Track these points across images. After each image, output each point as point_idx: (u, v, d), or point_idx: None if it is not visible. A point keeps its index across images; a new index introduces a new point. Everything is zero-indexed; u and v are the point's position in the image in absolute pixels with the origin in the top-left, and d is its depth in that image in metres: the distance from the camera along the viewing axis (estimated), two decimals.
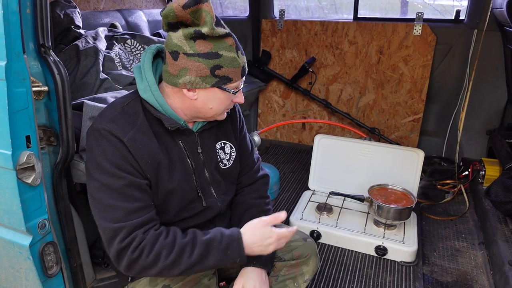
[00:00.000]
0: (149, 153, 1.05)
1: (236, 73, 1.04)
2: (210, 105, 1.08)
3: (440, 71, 2.89)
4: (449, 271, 1.85)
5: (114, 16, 2.64)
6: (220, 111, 1.11)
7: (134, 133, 1.03)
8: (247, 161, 1.34)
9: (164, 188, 1.09)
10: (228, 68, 1.02)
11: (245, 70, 1.07)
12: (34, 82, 1.14)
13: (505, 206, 1.93)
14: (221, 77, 1.03)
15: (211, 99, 1.06)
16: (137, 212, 1.02)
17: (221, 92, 1.06)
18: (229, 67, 1.02)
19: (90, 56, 1.87)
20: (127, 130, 1.03)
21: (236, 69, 1.04)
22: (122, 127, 1.02)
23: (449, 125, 2.92)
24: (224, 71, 1.02)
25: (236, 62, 1.03)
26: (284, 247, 1.27)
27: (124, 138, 1.01)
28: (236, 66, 1.03)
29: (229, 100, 1.09)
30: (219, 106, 1.09)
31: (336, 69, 3.12)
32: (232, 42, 1.03)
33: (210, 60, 1.00)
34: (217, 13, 3.93)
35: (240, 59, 1.04)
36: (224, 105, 1.10)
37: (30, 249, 1.15)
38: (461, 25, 2.78)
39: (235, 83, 1.06)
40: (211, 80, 1.02)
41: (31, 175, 1.12)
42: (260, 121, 3.53)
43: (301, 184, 2.69)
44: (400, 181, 2.15)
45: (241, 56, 1.05)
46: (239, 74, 1.05)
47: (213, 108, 1.09)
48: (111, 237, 1.00)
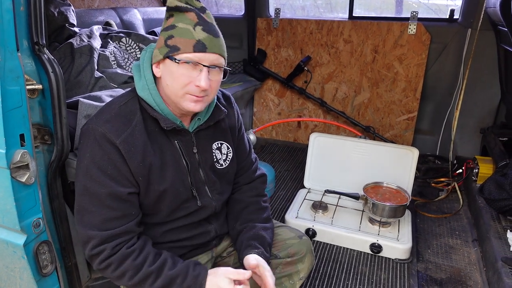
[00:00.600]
0: (141, 155, 1.05)
1: (186, 44, 1.00)
2: (167, 81, 1.05)
3: (435, 70, 2.91)
4: (443, 268, 1.87)
5: (108, 14, 2.63)
6: (177, 90, 1.04)
7: (128, 134, 1.04)
8: (244, 161, 1.34)
9: (154, 190, 1.09)
10: (178, 38, 1.01)
11: (200, 47, 1.01)
12: (28, 80, 1.14)
13: (498, 204, 1.95)
14: (171, 46, 1.02)
15: (167, 73, 1.04)
16: (112, 221, 1.03)
17: (173, 65, 1.02)
18: (180, 37, 1.01)
19: (85, 54, 1.86)
20: (121, 132, 1.03)
21: (187, 40, 1.00)
22: (116, 128, 1.03)
23: (443, 123, 2.94)
24: (174, 40, 1.02)
25: (188, 34, 1.01)
26: (280, 245, 1.28)
27: (117, 141, 1.01)
28: (187, 37, 1.00)
29: (184, 77, 1.02)
30: (173, 83, 1.03)
31: (331, 67, 3.13)
32: (193, 17, 1.02)
33: (167, 31, 1.03)
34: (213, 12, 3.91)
35: (196, 33, 1.01)
36: (179, 82, 1.02)
37: (24, 248, 1.14)
38: (455, 24, 2.80)
39: (184, 54, 1.01)
40: (164, 50, 1.03)
41: (25, 174, 1.11)
42: (256, 120, 3.53)
43: (296, 182, 2.70)
44: (394, 179, 2.16)
45: (199, 32, 1.01)
46: (190, 46, 1.00)
47: (169, 85, 1.04)
48: (85, 241, 1.04)
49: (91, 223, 1.03)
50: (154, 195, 1.10)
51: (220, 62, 1.06)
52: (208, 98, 1.08)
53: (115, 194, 1.03)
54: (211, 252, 1.30)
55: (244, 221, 1.27)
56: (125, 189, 1.04)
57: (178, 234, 1.19)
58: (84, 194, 1.03)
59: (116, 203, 1.03)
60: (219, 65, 1.06)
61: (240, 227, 1.27)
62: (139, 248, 1.06)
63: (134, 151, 1.04)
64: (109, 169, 1.02)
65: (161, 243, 1.18)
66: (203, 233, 1.24)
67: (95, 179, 1.02)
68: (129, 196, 1.05)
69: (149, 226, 1.16)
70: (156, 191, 1.09)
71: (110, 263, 1.03)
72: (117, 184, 1.03)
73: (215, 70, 1.05)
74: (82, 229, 1.04)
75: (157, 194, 1.10)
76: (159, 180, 1.09)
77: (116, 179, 1.03)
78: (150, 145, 1.08)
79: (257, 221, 1.27)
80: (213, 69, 1.04)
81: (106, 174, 1.02)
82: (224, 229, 1.31)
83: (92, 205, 1.03)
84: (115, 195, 1.03)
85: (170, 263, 1.08)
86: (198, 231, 1.23)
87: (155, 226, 1.17)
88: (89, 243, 1.03)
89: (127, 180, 1.05)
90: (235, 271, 1.07)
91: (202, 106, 1.07)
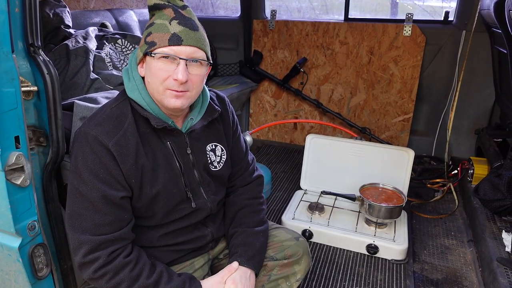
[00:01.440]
0: (133, 157, 1.04)
1: (161, 38, 1.01)
2: (148, 78, 1.06)
3: (430, 72, 2.92)
4: (439, 269, 1.87)
5: (104, 15, 2.62)
6: (157, 86, 1.03)
7: (120, 137, 1.03)
8: (241, 163, 1.34)
9: (147, 192, 1.08)
10: (155, 33, 1.02)
11: (176, 40, 1.00)
12: (23, 82, 1.13)
13: (493, 204, 1.97)
14: (149, 43, 1.03)
15: (147, 70, 1.05)
16: (105, 226, 1.01)
17: (152, 60, 1.02)
18: (156, 32, 1.02)
19: (80, 56, 1.85)
20: (113, 134, 1.02)
21: (162, 34, 1.01)
22: (108, 131, 1.02)
23: (438, 124, 2.96)
24: (151, 36, 1.03)
25: (163, 28, 1.01)
26: (276, 247, 1.28)
27: (110, 143, 1.01)
28: (162, 31, 1.01)
29: (163, 71, 1.01)
30: (153, 79, 1.03)
31: (327, 69, 3.14)
32: (169, 13, 1.03)
33: (147, 29, 1.05)
34: (209, 13, 3.94)
35: (171, 26, 1.01)
36: (157, 77, 1.02)
37: (19, 251, 1.13)
38: (450, 26, 2.82)
39: (160, 48, 1.01)
40: (144, 48, 1.04)
41: (20, 176, 1.10)
42: (252, 121, 3.53)
43: (293, 184, 2.70)
44: (390, 180, 2.17)
45: (175, 25, 1.01)
46: (165, 40, 1.00)
47: (150, 82, 1.05)
48: (76, 247, 1.01)
49: (83, 227, 1.01)
50: (147, 198, 1.09)
51: (199, 55, 1.04)
52: (190, 93, 1.06)
53: (108, 198, 1.01)
54: (207, 255, 1.29)
55: (236, 225, 1.27)
56: (117, 193, 1.03)
57: (174, 238, 1.18)
58: (76, 197, 1.02)
59: (109, 207, 1.02)
60: (198, 58, 1.04)
61: (232, 231, 1.27)
62: (135, 258, 1.05)
63: (126, 154, 1.03)
64: (101, 172, 1.01)
65: (157, 247, 1.17)
66: (200, 237, 1.23)
67: (88, 182, 1.01)
68: (121, 201, 1.04)
69: (145, 229, 1.15)
70: (148, 193, 1.08)
71: (105, 272, 1.00)
72: (110, 188, 1.02)
73: (195, 64, 1.04)
74: (73, 233, 1.01)
75: (150, 196, 1.09)
76: (151, 182, 1.08)
77: (108, 183, 1.02)
78: (142, 146, 1.07)
79: (249, 224, 1.26)
80: (193, 62, 1.03)
81: (98, 178, 1.01)
82: (221, 232, 1.31)
83: (84, 209, 1.01)
84: (107, 199, 1.01)
85: (166, 277, 1.07)
86: (195, 235, 1.22)
87: (150, 229, 1.16)
88: (81, 249, 1.00)
89: (119, 183, 1.03)
90: (226, 270, 1.14)
91: (183, 102, 1.05)
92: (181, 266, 1.22)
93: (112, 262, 1.01)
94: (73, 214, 1.02)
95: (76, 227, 1.01)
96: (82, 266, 1.02)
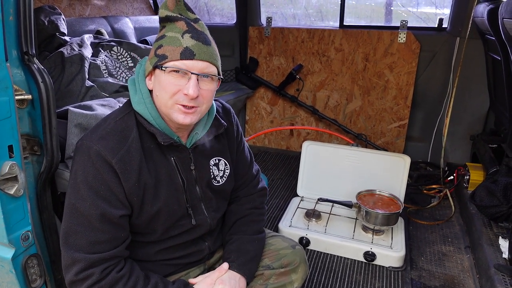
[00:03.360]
0: (136, 175, 1.02)
1: (173, 52, 0.98)
2: (156, 92, 1.03)
3: (425, 78, 2.94)
4: (436, 276, 1.87)
5: (100, 23, 2.61)
6: (166, 100, 1.01)
7: (124, 153, 1.00)
8: (245, 176, 1.32)
9: (147, 210, 1.06)
10: (166, 46, 1.00)
11: (188, 54, 0.98)
12: (18, 90, 1.12)
13: (490, 210, 1.97)
14: (160, 55, 1.00)
15: (156, 83, 1.03)
16: (100, 244, 0.99)
17: (161, 74, 1.00)
18: (167, 45, 1.00)
19: (76, 63, 1.84)
20: (117, 150, 0.99)
21: (174, 48, 0.98)
22: (112, 146, 0.99)
23: (434, 130, 2.97)
24: (163, 49, 1.00)
25: (176, 42, 0.99)
26: (273, 255, 1.27)
27: (113, 160, 0.98)
28: (175, 45, 0.99)
29: (173, 86, 0.99)
30: (161, 92, 1.01)
31: (323, 76, 3.15)
32: (181, 25, 1.01)
33: (157, 42, 1.03)
34: (204, 20, 3.92)
35: (184, 40, 0.98)
36: (167, 91, 0.99)
37: (12, 262, 1.12)
38: (444, 33, 2.84)
39: (171, 62, 0.99)
40: (153, 60, 1.02)
41: (13, 186, 1.09)
42: (248, 128, 3.52)
43: (289, 191, 2.69)
44: (387, 187, 2.17)
45: (187, 39, 0.99)
46: (177, 53, 0.98)
47: (159, 95, 1.02)
48: (68, 265, 0.99)
49: (77, 245, 0.97)
50: (148, 215, 1.06)
51: (210, 70, 1.02)
52: (200, 109, 1.04)
53: (106, 216, 0.98)
54: (203, 265, 1.28)
55: (233, 232, 1.26)
56: (117, 211, 1.00)
57: (171, 253, 1.17)
58: (73, 214, 0.99)
59: (106, 226, 0.99)
60: (210, 73, 1.02)
61: (228, 238, 1.26)
62: (128, 272, 1.03)
63: (130, 171, 1.00)
64: (102, 189, 0.98)
65: (153, 261, 1.15)
66: (197, 252, 1.22)
67: (86, 198, 0.98)
68: (120, 219, 1.01)
69: (142, 244, 1.13)
70: (149, 211, 1.06)
71: None
72: (109, 206, 0.99)
73: (207, 79, 1.02)
74: (67, 251, 0.98)
75: (150, 214, 1.06)
76: (153, 200, 1.06)
77: (108, 200, 0.99)
78: (146, 163, 1.04)
79: (247, 232, 1.25)
80: (204, 77, 1.01)
81: (98, 195, 0.98)
82: (218, 244, 1.30)
83: (80, 226, 0.98)
84: (106, 217, 0.98)
85: (161, 287, 1.06)
86: (192, 250, 1.20)
87: (148, 245, 1.14)
88: (74, 266, 0.97)
89: (119, 202, 1.01)
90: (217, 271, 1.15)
91: (192, 118, 1.03)
92: (176, 276, 1.21)
93: (106, 278, 0.98)
94: (68, 230, 0.99)
95: (70, 244, 0.98)
96: (74, 284, 0.99)
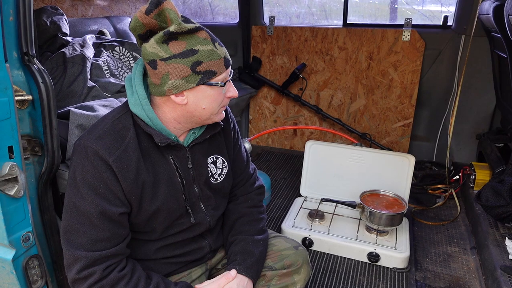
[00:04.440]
0: (134, 173, 1.02)
1: (218, 65, 1.00)
2: (202, 105, 1.03)
3: (429, 77, 2.91)
4: (441, 277, 1.84)
5: (102, 23, 2.62)
6: (214, 109, 1.06)
7: (121, 152, 1.00)
8: (242, 174, 1.32)
9: (146, 209, 1.06)
10: (208, 61, 0.98)
11: (228, 61, 1.03)
12: (18, 91, 1.12)
13: (496, 211, 1.94)
14: (204, 72, 0.99)
15: (201, 98, 1.02)
16: (102, 242, 0.99)
17: (209, 89, 1.01)
18: (209, 60, 0.98)
19: (77, 63, 1.84)
20: (114, 149, 1.00)
21: (217, 61, 1.00)
22: (109, 146, 0.99)
23: (439, 129, 2.94)
24: (205, 65, 0.98)
25: (215, 54, 0.99)
26: (275, 256, 1.26)
27: (110, 159, 0.98)
28: (216, 58, 0.99)
29: (221, 95, 1.05)
30: (211, 104, 1.04)
31: (326, 75, 3.13)
32: (205, 35, 1.00)
33: (188, 58, 0.97)
34: (208, 20, 3.94)
35: (219, 50, 1.00)
36: (217, 102, 1.05)
37: (13, 263, 1.11)
38: (449, 30, 2.81)
39: (221, 75, 1.01)
40: (195, 78, 0.99)
41: (14, 187, 1.09)
42: (252, 128, 3.51)
43: (293, 191, 2.67)
44: (391, 187, 2.14)
45: (220, 48, 1.01)
46: (222, 66, 1.01)
47: (206, 108, 1.04)
48: (70, 263, 0.99)
49: (78, 243, 0.98)
50: (147, 214, 1.07)
51: None
52: None
53: (106, 214, 0.99)
54: (205, 265, 1.27)
55: (235, 233, 1.25)
56: (116, 209, 1.00)
57: (171, 251, 1.16)
58: (73, 212, 0.99)
59: (106, 223, 0.99)
60: None
61: (231, 239, 1.25)
62: (130, 271, 1.03)
63: (127, 169, 1.01)
64: (100, 187, 0.99)
65: (154, 260, 1.15)
66: (198, 249, 1.22)
67: (86, 197, 0.98)
68: (120, 217, 1.02)
69: (142, 243, 1.13)
70: (148, 209, 1.06)
71: (101, 287, 0.99)
72: (109, 204, 0.99)
73: None
74: (68, 249, 0.99)
75: (149, 212, 1.07)
76: (151, 199, 1.06)
77: (107, 198, 0.99)
78: (143, 162, 1.04)
79: (249, 232, 1.24)
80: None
81: (97, 193, 0.98)
82: (219, 242, 1.29)
83: (81, 224, 0.98)
84: (105, 214, 0.99)
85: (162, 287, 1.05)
86: (192, 247, 1.20)
87: (148, 243, 1.14)
88: (76, 264, 0.98)
89: (118, 199, 1.01)
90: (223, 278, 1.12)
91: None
92: (178, 277, 1.20)
93: (107, 277, 0.99)
94: (69, 229, 0.99)
95: (71, 243, 0.99)
96: (76, 282, 0.99)
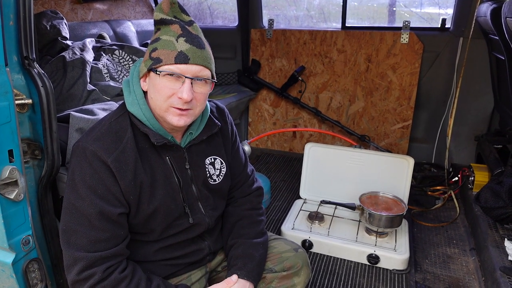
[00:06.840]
0: (132, 174, 1.03)
1: (167, 55, 0.99)
2: (151, 94, 1.04)
3: (428, 79, 2.92)
4: (441, 278, 1.84)
5: (102, 27, 2.63)
6: (160, 103, 1.02)
7: (119, 153, 1.01)
8: (240, 175, 1.32)
9: (144, 209, 1.07)
10: (161, 49, 1.00)
11: (183, 58, 0.99)
12: (18, 95, 1.12)
13: (495, 212, 1.94)
14: (154, 59, 1.01)
15: (151, 86, 1.04)
16: (101, 243, 0.99)
17: (157, 78, 1.01)
18: (162, 48, 1.00)
19: (77, 67, 1.85)
20: (112, 150, 1.01)
21: (169, 52, 0.99)
22: (107, 147, 1.01)
23: (438, 131, 2.95)
24: (157, 52, 1.01)
25: (170, 45, 1.00)
26: (275, 258, 1.26)
27: (109, 160, 0.99)
28: (169, 48, 0.99)
29: (167, 89, 1.00)
30: (156, 95, 1.02)
31: (325, 77, 3.14)
32: (176, 29, 1.01)
33: (152, 44, 1.03)
34: (207, 23, 3.95)
35: (177, 44, 0.99)
36: (161, 94, 1.01)
37: (13, 267, 1.12)
38: (447, 33, 2.82)
39: (165, 66, 0.99)
40: (148, 63, 1.03)
41: (13, 190, 1.09)
42: (251, 130, 3.52)
43: (292, 193, 2.68)
44: (390, 189, 2.15)
45: (182, 43, 1.00)
46: (171, 58, 0.99)
47: (153, 98, 1.03)
48: (70, 264, 0.99)
49: (78, 244, 0.99)
50: (145, 214, 1.07)
51: (204, 74, 1.03)
52: (194, 111, 1.05)
53: (105, 214, 1.00)
54: (205, 268, 1.27)
55: (235, 236, 1.25)
56: (115, 209, 1.01)
57: (171, 252, 1.17)
58: (72, 213, 1.00)
59: (105, 224, 1.00)
60: (204, 77, 1.03)
61: (231, 242, 1.25)
62: (131, 273, 1.03)
63: (125, 170, 1.02)
64: (99, 188, 0.99)
65: (153, 261, 1.15)
66: (197, 251, 1.22)
67: (85, 198, 0.99)
68: (118, 217, 1.02)
69: (141, 244, 1.14)
70: (146, 210, 1.07)
71: None
72: (107, 204, 1.00)
73: (200, 82, 1.03)
74: (68, 250, 1.00)
75: (147, 213, 1.07)
76: (149, 199, 1.07)
77: (106, 199, 1.00)
78: (141, 162, 1.05)
79: (249, 235, 1.24)
80: (198, 81, 1.02)
81: (96, 193, 0.99)
82: (219, 244, 1.29)
83: (80, 225, 0.99)
84: (105, 215, 1.00)
85: None
86: (192, 249, 1.20)
87: (147, 244, 1.14)
88: (76, 265, 0.98)
89: (117, 200, 1.02)
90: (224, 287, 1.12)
91: (186, 120, 1.05)
92: (177, 279, 1.20)
93: (108, 278, 0.99)
94: (68, 230, 1.00)
95: (71, 244, 0.99)
96: (76, 283, 0.99)
